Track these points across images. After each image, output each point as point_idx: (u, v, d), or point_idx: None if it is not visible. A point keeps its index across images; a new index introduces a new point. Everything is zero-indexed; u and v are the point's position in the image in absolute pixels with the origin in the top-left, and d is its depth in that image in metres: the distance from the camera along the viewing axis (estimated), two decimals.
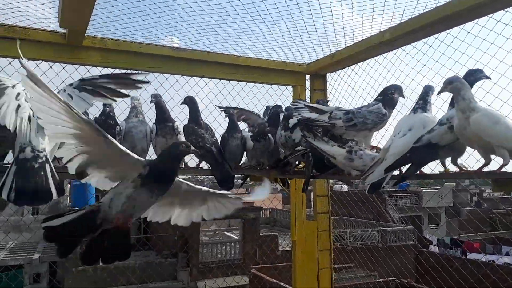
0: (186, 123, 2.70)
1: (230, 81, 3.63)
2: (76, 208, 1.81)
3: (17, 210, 15.03)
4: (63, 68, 2.98)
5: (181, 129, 2.60)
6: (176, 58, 3.25)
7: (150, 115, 2.76)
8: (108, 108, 2.49)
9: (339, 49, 3.42)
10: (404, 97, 2.51)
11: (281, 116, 2.83)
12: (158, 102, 2.59)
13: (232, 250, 17.88)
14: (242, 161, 2.94)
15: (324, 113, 2.43)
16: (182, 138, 2.57)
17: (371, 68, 3.44)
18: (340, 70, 3.76)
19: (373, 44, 3.10)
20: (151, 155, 2.61)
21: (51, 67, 2.94)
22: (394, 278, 14.86)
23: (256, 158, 2.87)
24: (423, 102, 2.19)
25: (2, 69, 2.78)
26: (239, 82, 3.66)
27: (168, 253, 16.87)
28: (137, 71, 2.17)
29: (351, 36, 3.32)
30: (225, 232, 21.61)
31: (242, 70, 3.56)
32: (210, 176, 3.03)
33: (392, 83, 3.31)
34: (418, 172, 1.95)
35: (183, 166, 2.76)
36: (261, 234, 18.74)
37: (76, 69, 3.01)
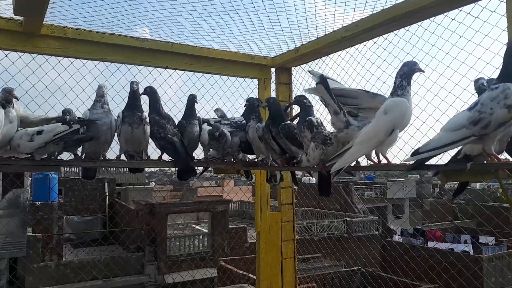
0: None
1: (195, 73, 3.61)
2: None
3: None
4: (20, 57, 2.87)
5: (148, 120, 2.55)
6: (139, 48, 3.20)
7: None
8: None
9: (304, 43, 3.47)
10: None
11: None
12: (134, 90, 2.52)
13: (201, 243, 17.86)
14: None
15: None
16: (148, 129, 2.53)
17: (334, 62, 3.51)
18: (304, 64, 3.81)
19: (336, 39, 3.17)
20: (114, 144, 2.56)
21: (6, 55, 2.82)
22: (360, 267, 15.31)
23: (217, 150, 2.89)
24: (393, 87, 2.00)
25: None
26: (204, 74, 3.65)
27: (135, 247, 16.64)
28: None
29: (314, 31, 3.38)
30: (193, 225, 21.54)
31: (206, 62, 3.54)
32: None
33: (354, 78, 3.43)
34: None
35: (146, 159, 2.74)
36: (230, 226, 18.78)
37: (33, 58, 2.91)
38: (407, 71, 1.95)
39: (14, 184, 16.10)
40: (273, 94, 3.86)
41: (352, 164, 2.02)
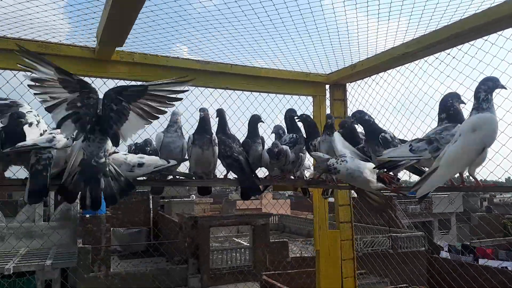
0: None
1: (252, 93, 3.67)
2: None
3: (30, 216, 15.21)
4: (92, 82, 3.04)
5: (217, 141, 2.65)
6: (202, 71, 3.30)
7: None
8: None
9: (361, 59, 3.45)
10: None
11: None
12: (203, 117, 2.64)
13: (242, 256, 17.86)
14: None
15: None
16: (217, 150, 2.61)
17: (393, 78, 3.46)
18: (360, 80, 3.78)
19: (396, 55, 3.13)
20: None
21: None
22: (406, 285, 14.75)
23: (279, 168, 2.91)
24: (476, 102, 1.95)
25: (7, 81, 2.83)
26: (261, 93, 3.70)
27: (179, 259, 16.91)
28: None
29: (373, 47, 3.36)
30: (234, 238, 21.66)
31: (264, 82, 3.60)
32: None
33: (414, 92, 3.36)
34: None
35: (211, 178, 2.81)
36: (270, 240, 18.71)
37: (104, 83, 3.07)
38: (491, 86, 1.90)
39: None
40: (328, 111, 3.85)
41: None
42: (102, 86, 3.08)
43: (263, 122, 2.95)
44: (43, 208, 15.94)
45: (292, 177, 3.03)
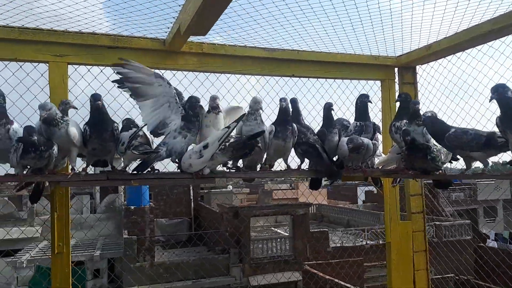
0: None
1: (318, 79, 3.54)
2: None
3: (78, 209, 15.79)
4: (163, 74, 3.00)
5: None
6: (268, 58, 3.21)
7: None
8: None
9: (438, 39, 3.24)
10: None
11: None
12: (284, 107, 2.55)
13: (282, 246, 17.86)
14: None
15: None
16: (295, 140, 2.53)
17: (473, 58, 3.23)
18: (433, 62, 3.57)
19: (480, 33, 2.91)
20: None
21: None
22: (453, 275, 14.29)
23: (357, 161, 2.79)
24: None
25: (108, 78, 2.83)
26: (327, 80, 3.56)
27: (220, 249, 17.11)
28: None
29: (446, 27, 3.15)
30: (272, 228, 21.69)
31: (330, 67, 3.46)
32: None
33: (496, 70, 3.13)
34: None
35: (285, 168, 2.73)
36: (310, 230, 18.59)
37: (174, 75, 3.03)
38: None
39: (108, 190, 17.41)
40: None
41: None
42: (171, 78, 3.05)
43: (333, 110, 2.82)
44: (90, 201, 16.50)
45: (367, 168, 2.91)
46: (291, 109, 2.70)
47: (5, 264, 13.02)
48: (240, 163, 2.59)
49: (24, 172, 2.19)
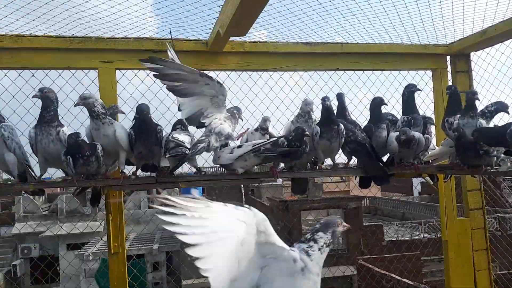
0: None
1: (364, 71, 3.42)
2: None
3: (136, 204, 16.54)
4: None
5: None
6: (310, 53, 3.15)
7: None
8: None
9: (494, 23, 3.00)
10: None
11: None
12: (328, 107, 2.50)
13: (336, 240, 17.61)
14: None
15: None
16: (342, 140, 2.46)
17: None
18: (489, 48, 3.32)
19: None
20: None
21: None
22: None
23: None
24: None
25: (154, 82, 2.90)
26: (374, 72, 3.43)
27: None
28: None
29: (503, 10, 2.90)
30: None
31: (377, 59, 3.33)
32: None
33: None
34: None
35: (332, 166, 2.67)
36: (364, 224, 18.16)
37: (217, 75, 3.06)
38: None
39: None
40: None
41: None
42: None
43: (387, 105, 2.70)
44: (147, 196, 17.19)
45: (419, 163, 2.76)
46: (336, 106, 2.64)
47: (74, 257, 14.00)
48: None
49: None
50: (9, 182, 2.62)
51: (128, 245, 14.75)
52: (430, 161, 2.85)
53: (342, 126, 2.48)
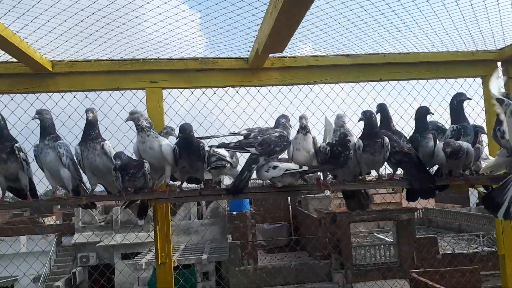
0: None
1: (409, 81, 3.34)
2: None
3: (185, 215, 16.97)
4: (247, 92, 3.12)
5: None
6: (351, 65, 3.12)
7: None
8: None
9: None
10: None
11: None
12: (371, 119, 2.48)
13: (387, 252, 17.05)
14: None
15: None
16: (386, 155, 2.43)
17: None
18: None
19: None
20: None
21: (237, 92, 3.10)
22: None
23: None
24: None
25: (198, 99, 3.02)
26: (419, 81, 3.34)
27: (320, 254, 16.93)
28: None
29: None
30: (375, 234, 20.80)
31: (422, 68, 3.24)
32: None
33: None
34: None
35: (377, 178, 2.62)
36: (417, 236, 17.42)
37: (258, 91, 3.12)
38: None
39: None
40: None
41: None
42: (256, 94, 3.14)
43: (433, 114, 2.62)
44: (197, 207, 17.63)
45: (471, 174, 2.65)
46: (379, 117, 2.60)
47: (127, 266, 14.58)
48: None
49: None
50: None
51: (178, 255, 15.17)
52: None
53: (386, 139, 2.43)
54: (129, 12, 2.37)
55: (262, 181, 2.62)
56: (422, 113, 2.60)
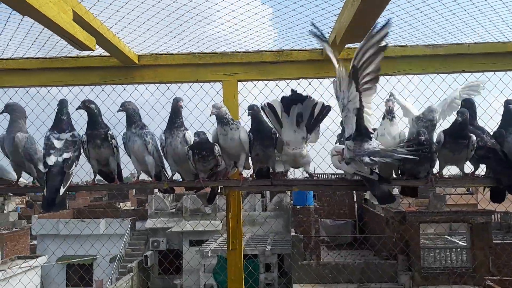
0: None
1: (495, 73, 3.12)
2: None
3: (250, 207, 17.30)
4: (320, 83, 3.12)
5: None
6: (432, 56, 2.99)
7: None
8: None
9: None
10: None
11: None
12: (463, 119, 2.33)
13: (458, 257, 16.07)
14: None
15: None
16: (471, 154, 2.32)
17: None
18: None
19: None
20: None
21: (310, 83, 3.11)
22: None
23: None
24: None
25: (271, 91, 3.08)
26: (507, 72, 3.11)
27: (387, 254, 16.37)
28: None
29: None
30: (446, 236, 19.69)
31: (508, 59, 3.00)
32: None
33: None
34: None
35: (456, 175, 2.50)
36: (494, 241, 16.18)
37: (332, 83, 3.09)
38: None
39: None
40: None
41: None
42: (329, 85, 3.12)
43: None
44: (261, 199, 17.91)
45: None
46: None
47: (195, 252, 15.25)
48: None
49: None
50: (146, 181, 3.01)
51: (243, 244, 15.51)
52: None
53: (474, 138, 2.30)
54: (205, 10, 2.49)
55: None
56: (509, 107, 2.43)
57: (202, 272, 15.51)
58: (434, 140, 2.41)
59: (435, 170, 2.49)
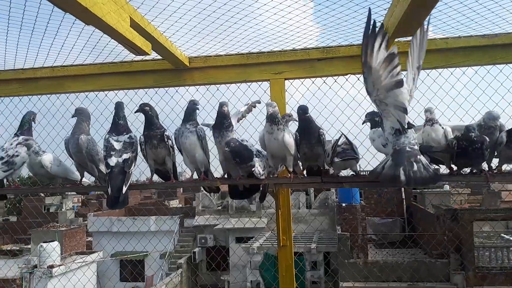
0: None
1: None
2: None
3: (295, 205, 17.26)
4: (358, 79, 3.08)
5: None
6: (487, 46, 2.87)
7: None
8: None
9: None
10: None
11: None
12: None
13: None
14: None
15: None
16: None
17: None
18: None
19: None
20: None
21: (358, 79, 3.08)
22: None
23: None
24: None
25: (319, 88, 3.08)
26: None
27: (438, 253, 15.75)
28: None
29: None
30: (503, 235, 18.62)
31: None
32: None
33: None
34: None
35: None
36: None
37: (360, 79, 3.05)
38: None
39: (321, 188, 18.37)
40: None
41: None
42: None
43: None
44: (305, 197, 17.82)
45: None
46: None
47: (241, 249, 15.46)
48: None
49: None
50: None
51: None
52: None
53: None
54: (254, 10, 2.54)
55: None
56: None
57: (248, 268, 15.68)
58: (497, 140, 2.33)
59: (493, 165, 2.42)
